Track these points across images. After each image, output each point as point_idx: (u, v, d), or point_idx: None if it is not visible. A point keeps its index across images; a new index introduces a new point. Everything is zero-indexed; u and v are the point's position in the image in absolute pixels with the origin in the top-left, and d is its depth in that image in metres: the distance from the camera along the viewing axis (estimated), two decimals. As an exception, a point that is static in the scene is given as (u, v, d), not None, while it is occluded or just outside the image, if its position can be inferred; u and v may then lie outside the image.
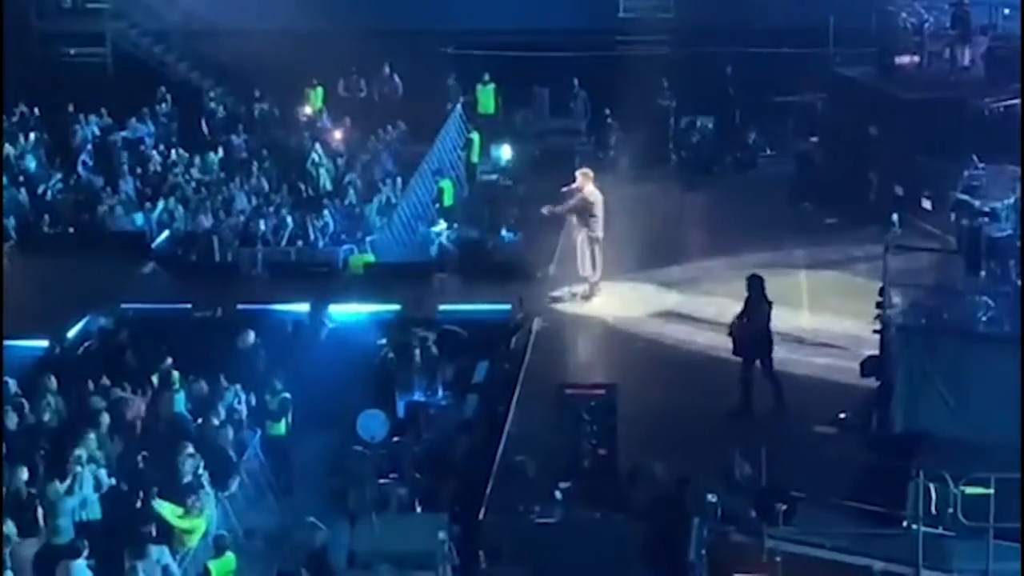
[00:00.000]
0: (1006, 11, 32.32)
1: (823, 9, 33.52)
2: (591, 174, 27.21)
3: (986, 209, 23.25)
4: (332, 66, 36.10)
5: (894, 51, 31.68)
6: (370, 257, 28.98)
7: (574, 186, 27.00)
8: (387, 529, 19.40)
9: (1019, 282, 21.55)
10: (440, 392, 23.85)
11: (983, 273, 21.90)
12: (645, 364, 24.34)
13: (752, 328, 22.22)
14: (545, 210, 27.44)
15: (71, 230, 30.72)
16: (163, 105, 35.97)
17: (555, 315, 26.43)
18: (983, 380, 19.67)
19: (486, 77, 36.34)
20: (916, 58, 31.54)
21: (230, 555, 19.14)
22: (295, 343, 24.89)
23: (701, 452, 20.27)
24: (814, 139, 33.73)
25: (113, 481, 20.44)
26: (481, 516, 19.50)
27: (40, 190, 31.82)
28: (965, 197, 24.30)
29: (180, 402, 22.58)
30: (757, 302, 22.30)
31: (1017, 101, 29.25)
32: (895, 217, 28.17)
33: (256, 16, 36.11)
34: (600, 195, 26.88)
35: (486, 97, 36.51)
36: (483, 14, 36.70)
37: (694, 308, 25.83)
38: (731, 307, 22.86)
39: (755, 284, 22.44)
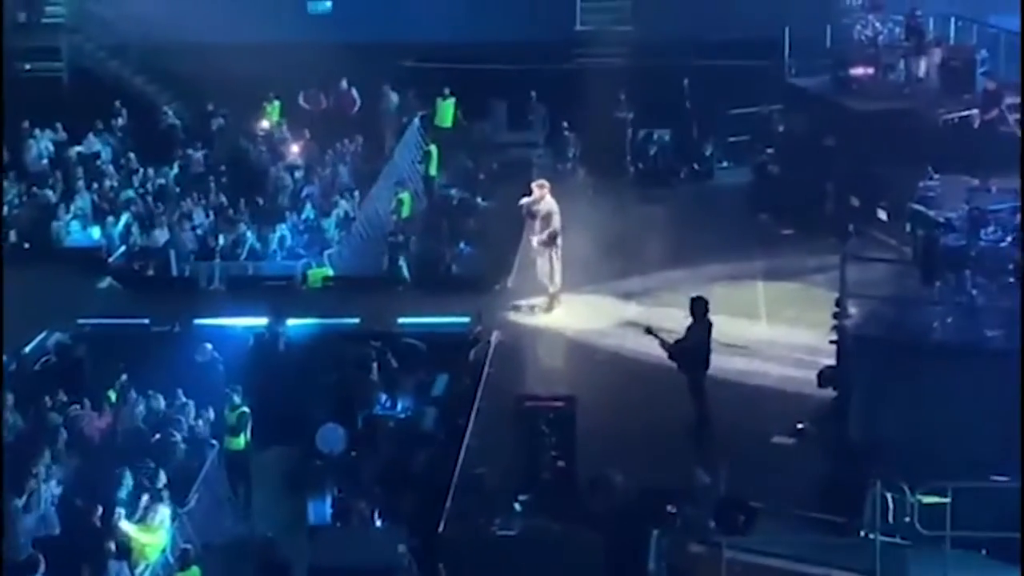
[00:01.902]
0: (959, 23, 32.55)
1: (778, 22, 33.68)
2: (547, 185, 27.26)
3: (941, 219, 23.40)
4: (290, 80, 36.03)
5: (849, 63, 31.86)
6: (328, 271, 28.97)
7: (531, 198, 27.04)
8: (347, 543, 19.40)
9: (973, 292, 21.71)
10: (399, 405, 23.84)
11: (938, 283, 22.04)
12: (604, 376, 24.37)
13: (690, 350, 22.17)
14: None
15: (27, 245, 30.55)
16: (119, 119, 35.84)
17: (514, 327, 26.45)
18: (938, 389, 19.79)
19: (446, 91, 36.36)
20: (871, 70, 31.71)
21: (195, 569, 19.13)
22: (254, 357, 24.84)
23: (660, 463, 20.32)
24: (770, 151, 33.87)
25: (71, 497, 20.36)
26: (441, 529, 19.50)
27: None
28: (920, 208, 24.46)
29: (138, 417, 22.52)
30: (700, 323, 22.27)
31: (969, 112, 29.50)
32: (851, 228, 28.40)
33: (213, 30, 36.03)
34: (557, 206, 26.93)
35: (445, 110, 36.52)
36: (440, 27, 36.73)
37: (653, 319, 25.77)
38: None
39: (699, 305, 22.36)
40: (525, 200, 27.08)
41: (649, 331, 22.33)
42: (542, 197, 26.86)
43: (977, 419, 19.36)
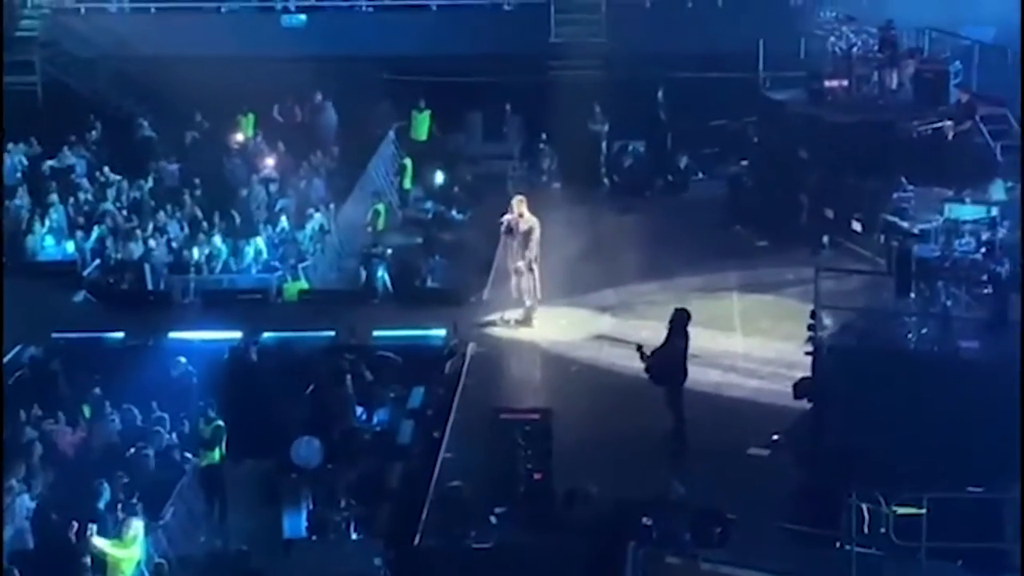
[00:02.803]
0: (932, 35, 32.66)
1: (752, 34, 33.76)
2: (525, 200, 27.29)
3: (915, 231, 23.48)
4: (265, 93, 35.99)
5: (823, 75, 31.95)
6: (304, 284, 28.91)
7: (511, 215, 27.06)
8: (322, 556, 19.37)
9: (948, 302, 21.79)
10: (375, 418, 23.81)
11: (912, 294, 22.11)
12: (579, 388, 24.40)
13: (668, 361, 22.17)
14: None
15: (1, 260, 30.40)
16: (93, 133, 35.74)
17: (489, 340, 26.46)
18: (913, 400, 19.85)
19: (421, 103, 36.37)
20: (845, 82, 31.80)
21: (168, 583, 19.11)
22: (229, 371, 24.77)
23: (636, 475, 20.34)
24: (745, 163, 33.96)
25: (46, 511, 20.28)
26: (417, 541, 19.50)
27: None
28: (894, 219, 24.53)
29: (113, 431, 22.44)
30: (676, 336, 22.29)
31: (943, 124, 29.59)
32: (825, 239, 28.51)
33: (187, 43, 36.00)
34: (536, 220, 26.96)
35: (421, 123, 36.52)
36: (415, 40, 36.73)
37: (628, 332, 25.87)
38: (664, 331, 22.91)
39: (679, 317, 22.39)
40: (506, 217, 27.10)
41: (639, 349, 22.33)
42: (521, 213, 26.90)
43: (952, 430, 19.42)
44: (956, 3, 35.17)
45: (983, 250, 22.82)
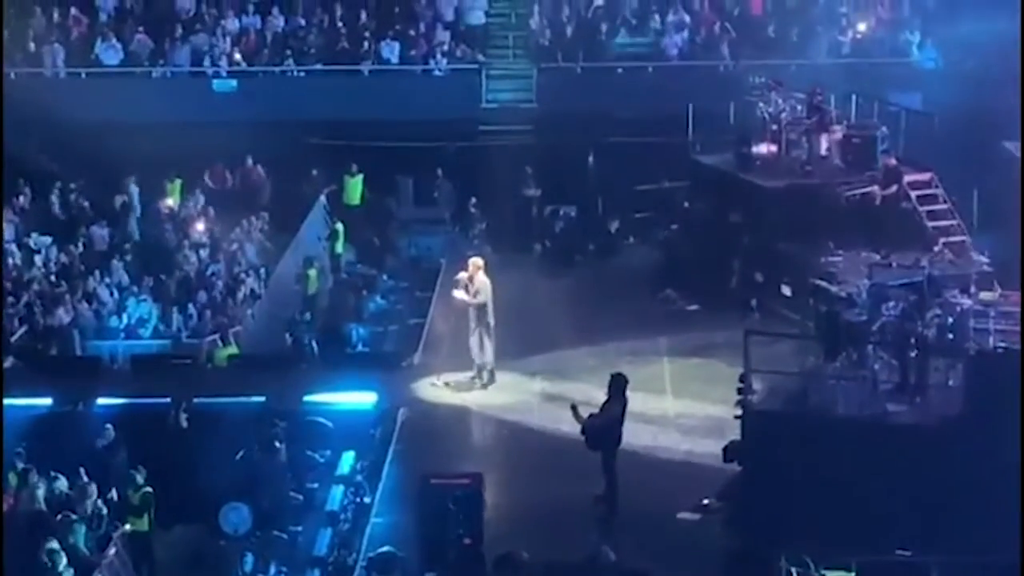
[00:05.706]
0: (860, 101, 32.96)
1: (682, 99, 33.98)
2: (481, 263, 27.41)
3: (842, 295, 23.64)
4: (196, 157, 35.89)
5: (752, 140, 32.17)
6: (234, 349, 28.75)
7: (466, 275, 27.17)
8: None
9: (875, 366, 21.94)
10: (304, 484, 23.67)
11: (841, 358, 22.25)
12: (510, 452, 24.43)
13: (604, 425, 22.21)
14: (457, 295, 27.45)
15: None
16: (21, 198, 35.51)
17: (420, 405, 26.43)
18: (842, 464, 19.95)
19: (353, 168, 36.41)
20: (774, 147, 32.03)
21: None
22: (157, 437, 24.58)
23: (566, 540, 20.33)
24: (675, 227, 34.12)
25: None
26: (347, 609, 19.42)
27: None
28: (822, 283, 24.70)
29: (39, 498, 22.21)
30: (614, 400, 22.37)
31: (870, 189, 29.89)
32: (755, 303, 28.69)
33: (119, 108, 35.90)
34: (489, 283, 27.07)
35: (353, 187, 36.55)
36: (347, 105, 36.78)
37: (559, 396, 25.92)
38: (595, 394, 22.99)
39: (618, 381, 22.50)
40: (461, 275, 27.22)
41: (574, 408, 22.35)
42: (475, 274, 27.04)
43: (880, 493, 19.53)
44: (883, 69, 35.69)
45: (910, 314, 22.98)
